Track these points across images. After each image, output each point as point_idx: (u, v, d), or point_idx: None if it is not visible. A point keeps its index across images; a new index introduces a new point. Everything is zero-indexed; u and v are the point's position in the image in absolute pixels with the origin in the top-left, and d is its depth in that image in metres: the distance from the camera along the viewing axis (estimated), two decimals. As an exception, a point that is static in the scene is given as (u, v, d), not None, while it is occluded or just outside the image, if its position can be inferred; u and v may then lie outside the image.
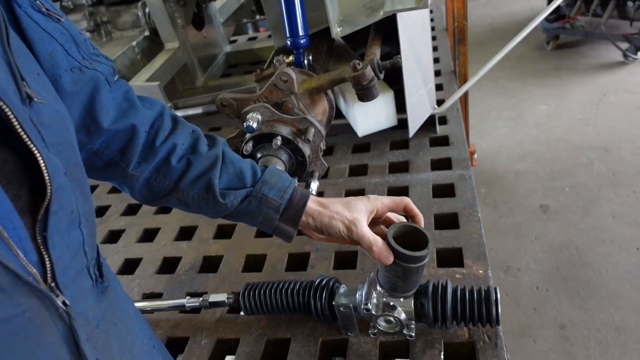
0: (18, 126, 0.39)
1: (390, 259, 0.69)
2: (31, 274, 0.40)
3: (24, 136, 0.39)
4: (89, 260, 0.50)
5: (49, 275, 0.42)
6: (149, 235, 1.21)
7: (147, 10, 1.72)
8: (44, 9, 0.54)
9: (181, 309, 0.93)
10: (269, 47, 1.99)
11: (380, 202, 0.74)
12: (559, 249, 2.30)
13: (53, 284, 0.42)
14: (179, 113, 1.37)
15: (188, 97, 1.70)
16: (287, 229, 0.73)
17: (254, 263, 1.04)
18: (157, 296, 1.02)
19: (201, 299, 0.91)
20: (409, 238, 0.71)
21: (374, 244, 0.68)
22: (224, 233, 1.16)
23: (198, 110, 1.36)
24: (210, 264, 1.08)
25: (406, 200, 0.75)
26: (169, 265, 1.10)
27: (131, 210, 1.33)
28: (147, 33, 1.75)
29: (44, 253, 0.41)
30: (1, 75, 0.40)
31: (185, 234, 1.19)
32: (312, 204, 0.73)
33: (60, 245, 0.43)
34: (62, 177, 0.44)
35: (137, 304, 0.95)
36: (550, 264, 2.24)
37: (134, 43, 1.68)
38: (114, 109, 0.63)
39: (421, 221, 0.75)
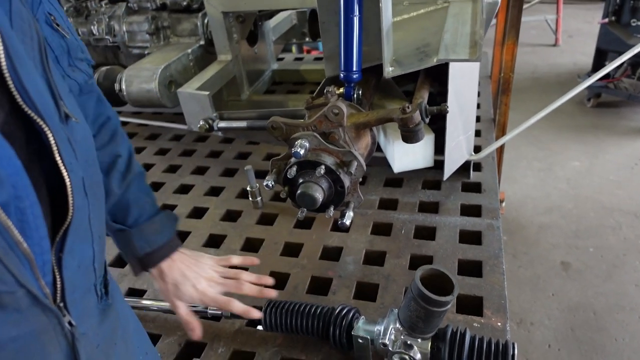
0: (55, 148, 0.40)
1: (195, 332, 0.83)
2: (46, 295, 0.40)
3: (58, 158, 0.40)
4: (97, 278, 0.51)
5: (58, 295, 0.43)
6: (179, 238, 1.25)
7: (206, 21, 1.80)
8: (54, 24, 0.57)
9: (203, 314, 0.96)
10: (314, 69, 2.06)
11: (208, 290, 0.85)
12: (576, 309, 2.26)
13: (62, 304, 0.43)
14: (223, 124, 1.43)
15: (232, 108, 1.76)
16: (135, 267, 0.82)
17: (278, 280, 1.06)
18: (180, 298, 1.05)
19: (224, 308, 0.94)
20: (436, 281, 0.73)
21: (186, 325, 0.84)
22: (251, 246, 1.19)
23: (242, 124, 1.41)
24: (234, 275, 1.11)
25: (232, 259, 0.91)
26: (195, 269, 1.14)
27: (165, 210, 1.38)
28: (202, 42, 1.83)
29: (57, 273, 0.42)
30: (45, 95, 0.41)
31: (214, 241, 1.23)
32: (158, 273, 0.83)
33: (72, 265, 0.44)
34: (82, 197, 0.45)
35: (160, 304, 0.99)
36: (565, 323, 2.20)
37: (189, 50, 1.76)
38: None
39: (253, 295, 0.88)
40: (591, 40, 4.19)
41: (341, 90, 1.05)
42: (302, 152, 0.83)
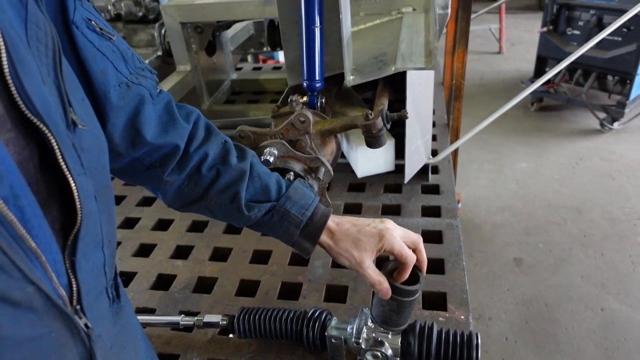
0: (59, 154, 0.41)
1: (388, 294, 0.76)
2: (61, 297, 0.41)
3: (62, 164, 0.41)
4: (108, 281, 0.51)
5: (74, 297, 0.43)
6: (145, 250, 1.24)
7: (163, 31, 1.79)
8: (98, 29, 0.58)
9: (174, 326, 0.96)
10: (273, 79, 2.08)
11: (396, 242, 0.76)
12: (530, 302, 2.39)
13: (78, 307, 0.43)
14: (186, 134, 1.42)
15: (193, 118, 1.75)
16: (305, 244, 0.77)
17: (248, 288, 1.08)
18: (150, 311, 1.04)
19: (196, 318, 0.94)
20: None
21: (377, 284, 0.75)
22: (219, 255, 1.20)
23: (205, 134, 1.41)
24: (204, 285, 1.11)
25: (420, 246, 0.79)
26: (163, 282, 1.13)
27: (128, 223, 1.35)
28: (159, 53, 1.82)
29: (71, 276, 0.43)
30: (51, 101, 0.41)
31: (182, 252, 1.22)
32: (325, 234, 0.77)
33: (85, 268, 0.45)
34: (93, 203, 0.46)
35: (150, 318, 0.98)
36: (520, 316, 2.32)
37: (147, 61, 1.74)
38: (156, 122, 0.67)
39: (424, 268, 0.81)
40: (532, 48, 4.46)
41: (305, 98, 1.08)
42: (271, 159, 0.86)
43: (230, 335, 0.96)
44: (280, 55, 3.54)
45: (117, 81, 0.61)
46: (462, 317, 0.96)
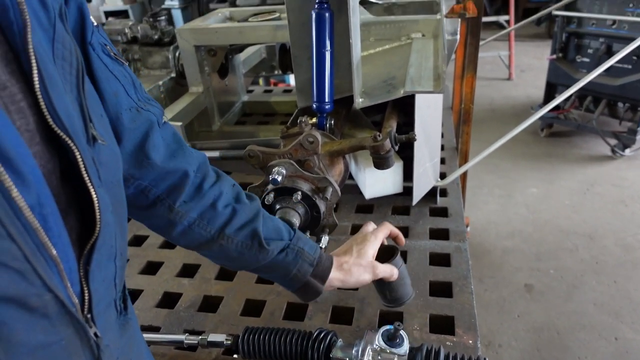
0: (83, 167, 0.43)
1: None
2: (74, 305, 0.42)
3: (86, 176, 0.43)
4: (117, 293, 0.52)
5: (86, 306, 0.44)
6: (152, 268, 1.24)
7: (177, 53, 1.84)
8: (112, 54, 0.60)
9: (179, 345, 0.95)
10: (283, 101, 2.11)
11: (377, 240, 0.88)
12: (541, 329, 2.33)
13: (89, 316, 0.44)
14: (196, 154, 1.44)
15: (204, 139, 1.78)
16: (316, 285, 0.79)
17: (253, 308, 1.08)
18: (155, 329, 1.04)
19: (200, 337, 0.93)
20: (385, 254, 0.91)
21: (393, 274, 0.87)
22: (225, 275, 1.19)
23: (215, 154, 1.43)
24: (210, 304, 1.10)
25: (390, 227, 0.92)
26: (169, 300, 1.13)
27: (137, 241, 1.36)
28: (173, 74, 1.86)
29: (84, 285, 0.44)
30: (74, 116, 0.44)
31: (188, 271, 1.22)
32: (333, 270, 0.82)
33: (98, 278, 0.46)
34: (110, 215, 0.47)
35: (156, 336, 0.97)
36: (531, 343, 2.26)
37: (160, 82, 1.79)
38: (164, 148, 0.67)
39: (402, 238, 0.94)
40: (542, 75, 4.48)
41: (314, 120, 1.10)
42: (279, 178, 0.86)
43: (235, 356, 0.95)
44: (291, 79, 3.59)
45: (128, 105, 0.63)
46: (470, 341, 0.94)
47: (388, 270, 0.86)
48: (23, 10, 0.39)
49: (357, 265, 0.83)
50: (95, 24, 0.59)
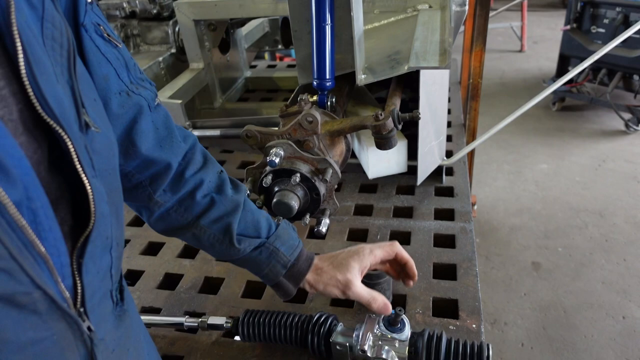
0: (75, 156, 0.40)
1: (389, 309, 0.74)
2: (65, 300, 0.41)
3: (78, 166, 0.41)
4: (113, 284, 0.51)
5: (79, 300, 0.43)
6: (153, 249, 1.23)
7: (177, 28, 1.78)
8: (105, 35, 0.58)
9: (179, 327, 0.95)
10: (287, 77, 2.06)
11: (372, 257, 0.79)
12: (547, 308, 2.32)
13: (82, 309, 0.43)
14: (196, 133, 1.42)
15: (205, 117, 1.75)
16: (288, 286, 0.78)
17: (254, 290, 1.07)
18: (155, 311, 1.03)
19: (200, 319, 0.92)
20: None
21: (373, 301, 0.75)
22: (227, 256, 1.18)
23: (215, 132, 1.40)
24: (211, 285, 1.10)
25: (396, 248, 0.81)
26: (170, 281, 1.12)
27: (137, 221, 1.35)
28: (173, 50, 1.82)
29: (77, 278, 0.43)
30: (65, 102, 0.41)
31: (189, 251, 1.21)
32: (311, 271, 0.79)
33: (92, 270, 0.44)
34: (105, 205, 0.45)
35: (158, 318, 0.97)
36: (537, 322, 2.25)
37: (160, 59, 1.74)
38: (152, 134, 0.65)
39: (413, 267, 0.82)
40: (554, 46, 4.35)
41: (315, 97, 1.06)
42: (277, 160, 0.84)
43: (236, 338, 0.94)
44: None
45: (118, 89, 0.60)
46: (474, 325, 0.92)
47: (366, 296, 0.77)
48: None
49: (330, 276, 0.78)
50: (89, 1, 0.56)
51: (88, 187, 0.42)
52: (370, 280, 0.85)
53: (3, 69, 0.37)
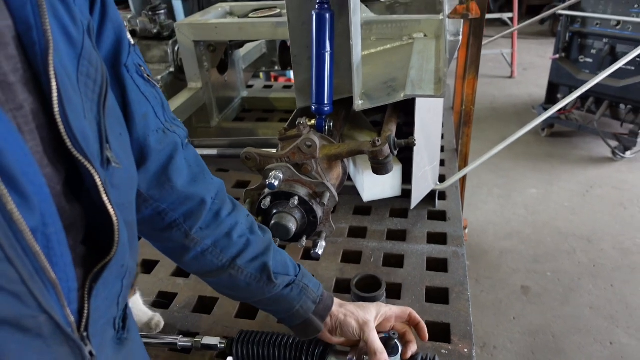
0: (103, 190, 0.42)
1: None
2: (70, 324, 0.41)
3: (105, 199, 0.42)
4: (119, 311, 0.51)
5: (83, 324, 0.43)
6: (147, 267, 1.23)
7: (176, 48, 1.81)
8: (145, 75, 0.60)
9: (172, 347, 0.94)
10: (283, 98, 2.09)
11: (389, 308, 0.82)
12: (536, 332, 2.33)
13: (85, 334, 0.43)
14: (194, 151, 1.43)
15: (201, 135, 1.77)
16: (317, 322, 0.79)
17: (248, 310, 1.07)
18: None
19: (194, 339, 0.92)
20: (368, 284, 0.93)
21: (379, 353, 0.75)
22: (221, 275, 1.18)
23: (213, 152, 1.42)
24: (204, 305, 1.10)
25: (409, 310, 0.84)
26: (163, 299, 1.12)
27: (132, 238, 1.35)
28: (172, 69, 1.84)
29: (85, 303, 0.43)
30: (91, 136, 0.43)
31: (183, 270, 1.21)
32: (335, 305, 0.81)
33: (102, 295, 0.45)
34: (125, 235, 0.47)
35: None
36: (526, 346, 2.26)
37: (159, 77, 1.76)
38: (187, 170, 0.66)
39: (424, 328, 0.84)
40: (544, 73, 4.45)
41: (313, 121, 1.08)
42: (276, 183, 0.85)
43: (229, 359, 0.94)
44: (292, 73, 3.58)
45: (156, 126, 0.62)
46: (466, 350, 0.93)
47: (376, 343, 0.76)
48: (46, 30, 0.38)
49: (352, 310, 0.80)
50: (132, 43, 0.58)
51: (114, 218, 0.43)
52: (366, 293, 0.89)
53: (36, 104, 0.39)
